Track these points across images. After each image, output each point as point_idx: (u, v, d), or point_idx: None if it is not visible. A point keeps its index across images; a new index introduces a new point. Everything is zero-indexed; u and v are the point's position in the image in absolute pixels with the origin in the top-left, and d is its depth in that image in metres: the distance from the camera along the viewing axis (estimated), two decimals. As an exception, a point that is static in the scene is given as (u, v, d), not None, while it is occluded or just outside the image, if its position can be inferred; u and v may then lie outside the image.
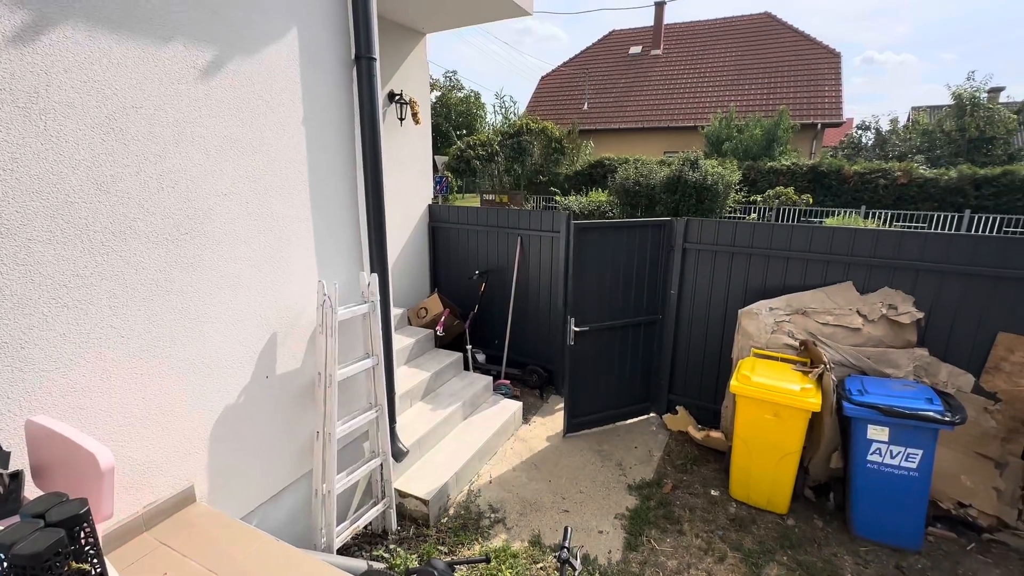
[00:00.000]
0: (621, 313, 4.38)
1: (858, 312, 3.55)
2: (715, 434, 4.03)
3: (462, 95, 27.30)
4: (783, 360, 3.56)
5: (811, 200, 12.31)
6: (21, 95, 1.52)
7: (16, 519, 1.22)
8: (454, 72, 30.77)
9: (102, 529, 1.77)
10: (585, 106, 20.94)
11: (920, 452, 2.91)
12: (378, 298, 2.83)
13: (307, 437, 2.72)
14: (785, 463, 3.27)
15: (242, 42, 2.14)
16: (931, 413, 2.82)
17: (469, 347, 5.28)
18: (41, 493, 1.45)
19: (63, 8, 1.60)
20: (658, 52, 21.70)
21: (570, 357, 4.23)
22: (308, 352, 2.65)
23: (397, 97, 5.01)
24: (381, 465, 3.06)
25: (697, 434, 4.15)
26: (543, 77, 23.99)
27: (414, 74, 5.26)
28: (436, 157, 16.88)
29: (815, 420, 3.26)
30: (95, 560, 1.04)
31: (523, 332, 5.30)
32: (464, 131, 25.69)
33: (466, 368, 5.14)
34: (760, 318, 3.76)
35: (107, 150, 1.73)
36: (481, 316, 5.56)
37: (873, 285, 3.62)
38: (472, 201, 19.48)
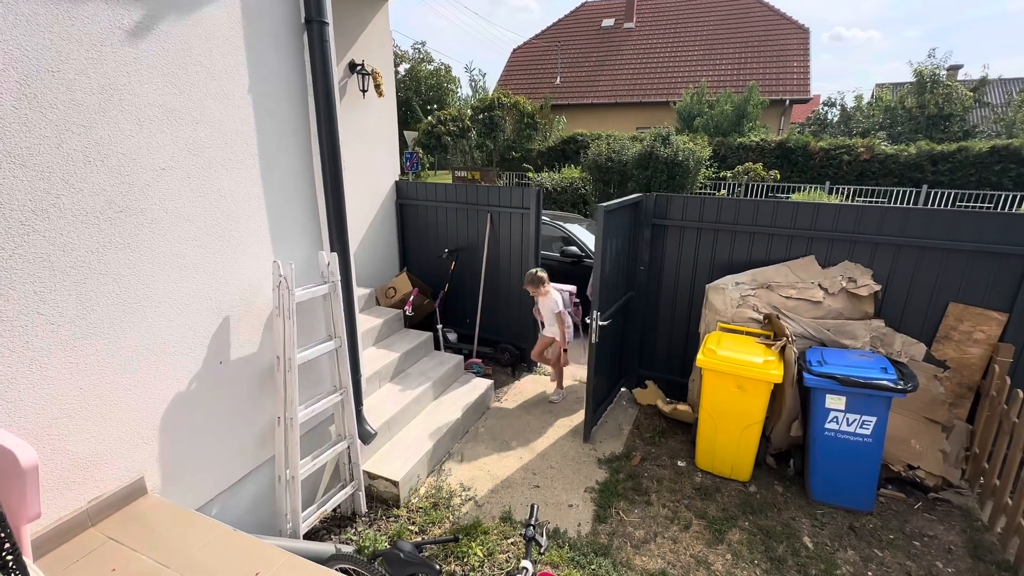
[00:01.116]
0: (615, 293, 4.36)
1: (820, 285, 3.62)
2: (682, 407, 4.11)
3: (432, 68, 26.46)
4: (748, 334, 3.63)
5: (779, 176, 12.54)
6: (-91, 54, 1.34)
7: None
8: (423, 43, 29.71)
9: (36, 528, 1.67)
10: (557, 80, 20.62)
11: (874, 419, 3.03)
12: (339, 278, 2.73)
13: (268, 422, 2.63)
14: (748, 433, 3.36)
15: (175, 1, 1.96)
16: (885, 382, 2.92)
17: (440, 326, 5.21)
18: (-39, 494, 1.35)
19: (-45, -45, 1.41)
20: (631, 25, 21.43)
21: (594, 354, 3.87)
22: (266, 335, 2.55)
23: (359, 68, 4.78)
24: (348, 448, 3.01)
25: (665, 407, 4.22)
26: (515, 50, 23.46)
27: (376, 43, 5.02)
28: (406, 133, 16.41)
29: (777, 391, 3.35)
30: (13, 567, 0.96)
31: (494, 310, 5.25)
32: (435, 106, 25.01)
33: (437, 348, 5.08)
34: (726, 293, 3.81)
35: (21, 119, 1.57)
36: (452, 295, 5.48)
37: (834, 259, 3.69)
38: (444, 178, 19.11)
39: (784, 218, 3.78)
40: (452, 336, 5.55)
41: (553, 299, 4.37)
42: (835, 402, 3.10)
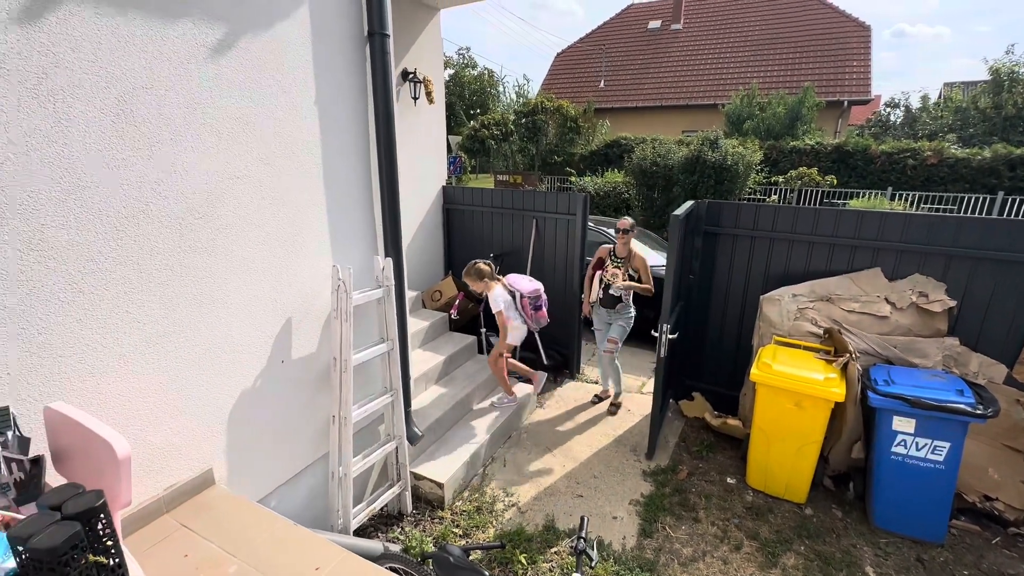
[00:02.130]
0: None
1: (886, 299, 3.42)
2: (732, 421, 3.98)
3: (476, 73, 26.82)
4: (806, 348, 3.47)
5: (835, 181, 11.96)
6: (29, 76, 1.48)
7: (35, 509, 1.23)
8: (468, 49, 30.18)
9: (123, 514, 1.79)
10: (602, 84, 20.44)
11: (948, 445, 2.83)
12: (392, 282, 2.80)
13: (323, 420, 2.73)
14: (805, 452, 3.21)
15: (253, 20, 2.07)
16: (962, 405, 2.72)
17: (483, 330, 5.26)
18: (62, 479, 1.46)
19: (69, -16, 1.55)
20: (678, 26, 20.99)
21: (662, 368, 3.78)
22: (323, 337, 2.64)
23: (411, 75, 4.91)
24: (396, 448, 3.08)
25: (714, 421, 4.10)
26: (559, 54, 23.43)
27: (428, 51, 5.13)
28: (449, 137, 16.70)
29: (838, 409, 3.18)
30: (112, 551, 1.04)
31: (537, 316, 5.24)
32: (478, 110, 25.32)
33: (480, 351, 5.13)
34: (782, 304, 3.66)
35: (118, 132, 1.70)
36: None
37: (903, 271, 3.48)
38: (485, 181, 19.31)
39: (847, 227, 3.59)
40: (495, 339, 5.59)
41: (494, 297, 3.99)
42: (903, 424, 2.91)
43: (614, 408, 4.49)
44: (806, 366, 3.18)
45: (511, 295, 4.09)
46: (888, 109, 20.67)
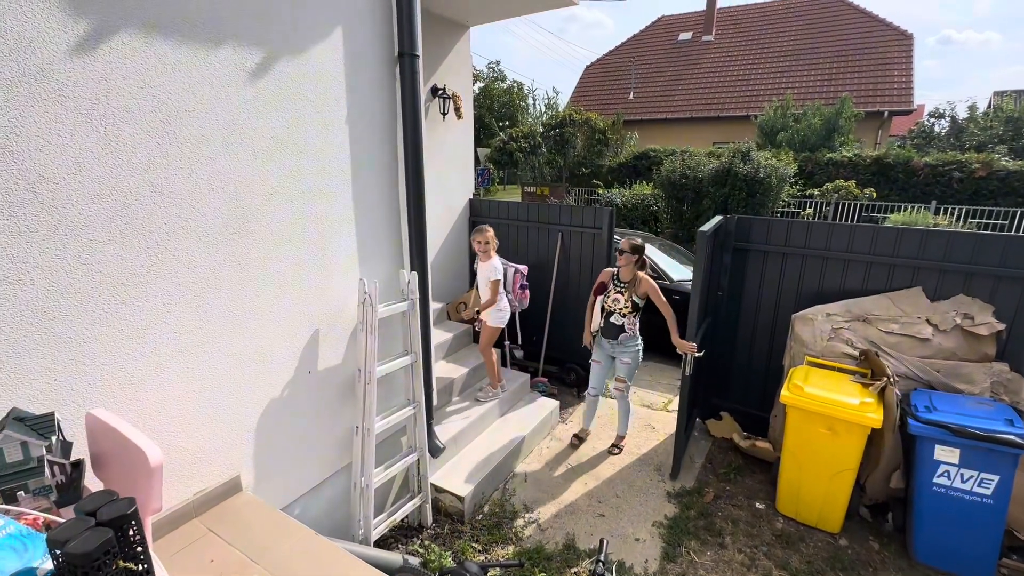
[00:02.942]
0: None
1: (928, 321, 3.27)
2: (762, 444, 3.85)
3: (505, 86, 27.18)
4: (840, 370, 3.34)
5: (875, 194, 11.54)
6: (84, 102, 1.58)
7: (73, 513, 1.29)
8: (497, 63, 30.67)
9: (154, 519, 1.86)
10: (631, 95, 20.39)
11: (996, 478, 2.66)
12: (417, 296, 2.84)
13: (347, 431, 2.78)
14: (839, 480, 3.07)
15: (289, 43, 2.17)
16: (1012, 437, 2.56)
17: (507, 343, 5.27)
18: (100, 484, 1.53)
19: (123, 14, 1.65)
20: (710, 38, 20.80)
21: (689, 386, 3.69)
22: (349, 348, 2.70)
23: (440, 91, 5.01)
24: (418, 460, 3.10)
25: (742, 442, 3.97)
26: (588, 67, 23.52)
27: (457, 68, 5.24)
28: (478, 149, 16.93)
29: (875, 436, 3.04)
30: (142, 557, 1.08)
31: (562, 330, 5.22)
32: (507, 123, 25.61)
33: (503, 364, 5.13)
34: (816, 324, 3.54)
35: (162, 153, 1.80)
36: (520, 312, 5.52)
37: (946, 292, 3.32)
38: (513, 193, 19.44)
39: (885, 245, 3.46)
40: (519, 353, 5.59)
41: (493, 265, 3.92)
42: (946, 454, 2.76)
43: (617, 450, 4.07)
44: (840, 389, 3.06)
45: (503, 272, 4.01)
46: (932, 119, 19.88)
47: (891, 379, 3.01)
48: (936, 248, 3.31)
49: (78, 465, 1.47)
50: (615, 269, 3.80)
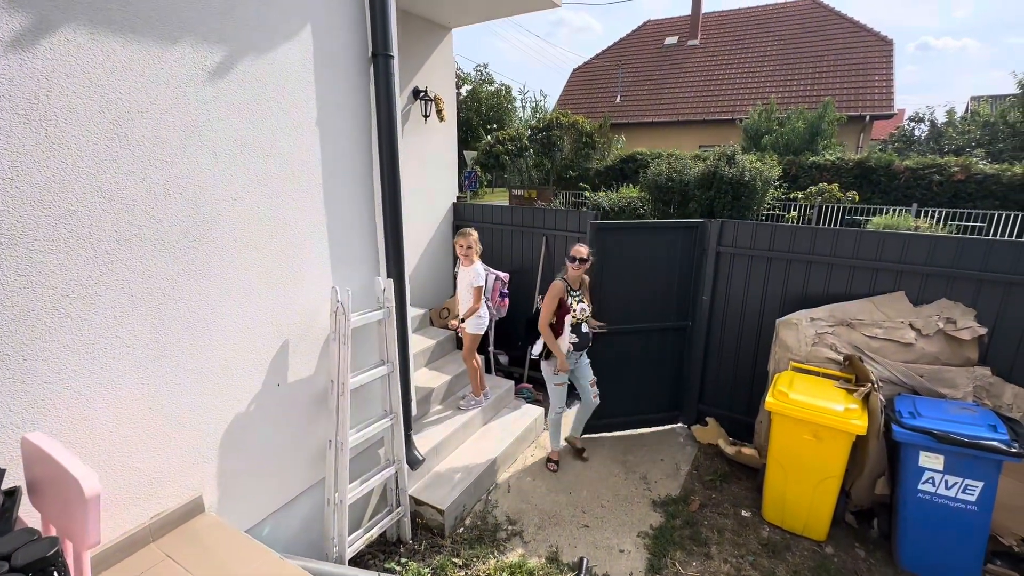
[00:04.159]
0: (647, 317, 4.23)
1: (911, 325, 3.25)
2: (748, 450, 3.80)
3: (493, 89, 27.13)
4: (824, 375, 3.31)
5: (857, 197, 11.65)
6: (20, 101, 1.47)
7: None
8: (485, 65, 30.55)
9: (106, 538, 1.75)
10: (618, 99, 20.47)
11: (980, 484, 2.64)
12: (393, 304, 2.75)
13: (320, 445, 2.67)
14: (824, 487, 3.03)
15: (253, 41, 2.07)
16: (995, 443, 2.54)
17: (491, 349, 5.19)
18: (38, 514, 1.42)
19: (64, 9, 1.55)
20: (695, 42, 20.97)
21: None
22: (321, 359, 2.60)
23: (422, 94, 4.93)
24: (396, 473, 3.00)
25: (728, 449, 3.93)
26: (575, 70, 23.59)
27: (439, 70, 5.16)
28: (465, 152, 16.84)
29: (860, 442, 3.01)
30: (67, 602, 0.98)
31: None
32: (494, 125, 25.54)
33: (488, 371, 5.05)
34: (800, 329, 3.51)
35: (112, 156, 1.69)
36: (505, 317, 5.44)
37: (929, 296, 3.31)
38: (501, 195, 19.36)
39: (868, 249, 3.44)
40: (504, 359, 5.51)
41: (476, 270, 3.82)
42: (931, 461, 2.73)
43: (587, 455, 4.05)
44: (825, 395, 3.02)
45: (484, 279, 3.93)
46: (912, 124, 20.24)
47: (875, 385, 2.98)
48: (919, 252, 3.30)
49: (12, 494, 1.36)
50: (564, 282, 3.54)
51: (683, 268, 4.21)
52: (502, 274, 4.60)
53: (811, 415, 2.92)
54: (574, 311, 3.56)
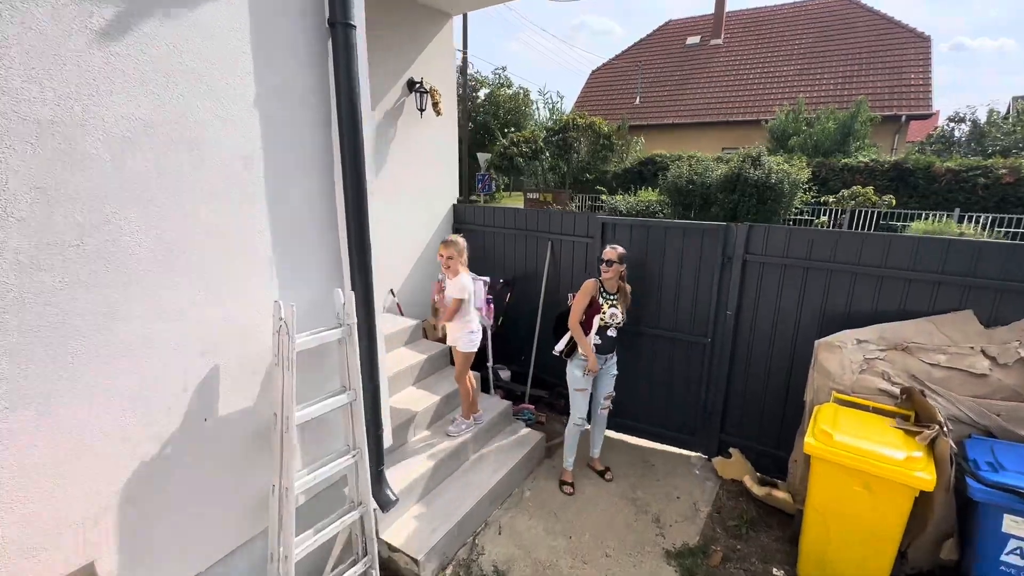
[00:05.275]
0: (657, 323, 3.89)
1: (983, 352, 2.69)
2: (780, 493, 3.26)
3: (511, 92, 26.78)
4: (875, 411, 2.76)
5: (893, 201, 10.88)
6: None
7: None
8: (503, 68, 30.27)
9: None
10: (637, 100, 19.89)
11: (1088, 562, 2.07)
12: (355, 320, 2.32)
13: (264, 489, 2.25)
14: (876, 549, 2.49)
15: None
16: (1112, 512, 1.98)
17: (490, 364, 4.72)
18: None
19: None
20: (718, 41, 20.29)
21: None
22: (264, 387, 2.18)
23: (417, 85, 4.53)
24: (361, 518, 2.56)
25: (757, 489, 3.39)
26: (593, 71, 23.11)
27: (438, 60, 4.76)
28: (480, 155, 16.48)
29: (923, 496, 2.45)
30: None
31: (552, 348, 4.66)
32: (512, 128, 25.16)
33: (485, 389, 4.60)
34: (844, 353, 2.97)
35: (-50, 135, 1.30)
36: (507, 329, 4.99)
37: (1005, 316, 2.75)
38: (518, 199, 18.92)
39: (930, 259, 2.89)
40: (505, 374, 5.05)
41: (461, 283, 3.42)
42: (1019, 527, 2.18)
43: (610, 474, 3.76)
44: (879, 438, 2.48)
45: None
46: (951, 124, 19.16)
47: (944, 428, 2.43)
48: (992, 263, 2.74)
49: None
50: (598, 282, 3.38)
51: (703, 276, 3.71)
52: (484, 278, 4.22)
53: (863, 463, 2.38)
54: (603, 313, 3.34)
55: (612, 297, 3.37)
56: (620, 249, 3.36)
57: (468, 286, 3.47)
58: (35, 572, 1.56)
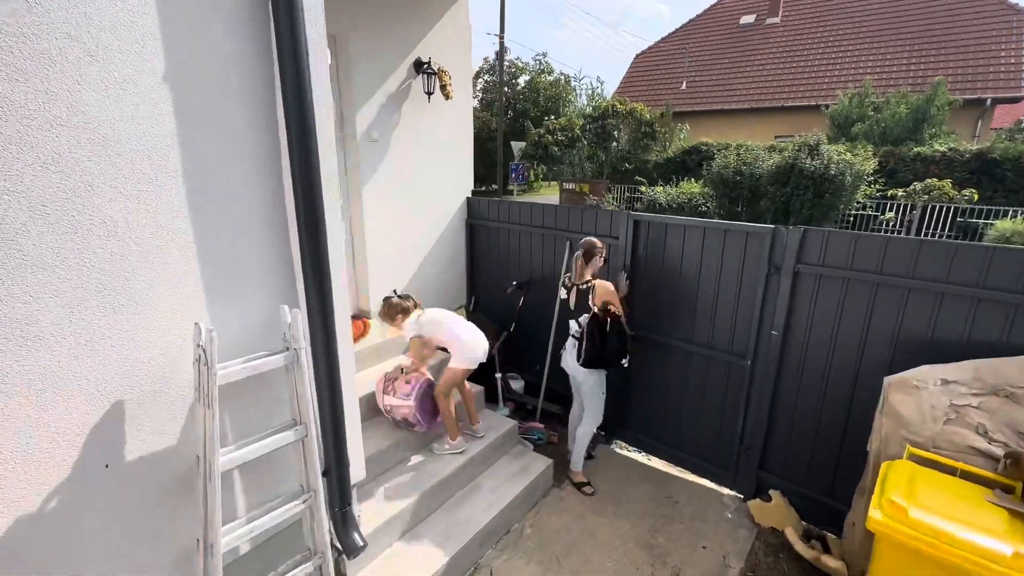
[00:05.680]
0: (692, 338, 3.43)
1: (1126, 407, 2.02)
2: (833, 561, 2.68)
3: (551, 79, 25.99)
4: (965, 475, 2.14)
5: (976, 196, 9.62)
6: None
7: None
8: (544, 55, 29.41)
9: None
10: (684, 85, 18.75)
11: None
12: (303, 344, 1.92)
13: (190, 542, 1.91)
14: (964, 661, 1.90)
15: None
16: None
17: (499, 375, 4.31)
18: None
19: None
20: (775, 20, 18.80)
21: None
22: (188, 426, 1.82)
23: (424, 66, 4.09)
24: (319, 568, 2.19)
25: (803, 549, 2.82)
26: (638, 55, 22.02)
27: (449, 38, 4.30)
28: (513, 143, 15.95)
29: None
30: None
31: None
32: (551, 116, 24.44)
33: (493, 400, 4.19)
34: (924, 395, 2.34)
35: None
36: (520, 336, 4.54)
37: None
38: (553, 191, 18.30)
39: (1048, 280, 2.22)
40: (517, 384, 4.62)
41: (404, 333, 3.23)
42: None
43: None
44: (972, 518, 1.88)
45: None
46: (1046, 108, 16.99)
47: (1071, 514, 1.80)
48: None
49: None
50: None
51: (744, 289, 3.13)
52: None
53: (951, 553, 1.80)
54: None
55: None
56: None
57: (411, 327, 3.18)
58: None
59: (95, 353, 1.54)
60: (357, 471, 2.48)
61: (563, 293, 3.24)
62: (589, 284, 3.15)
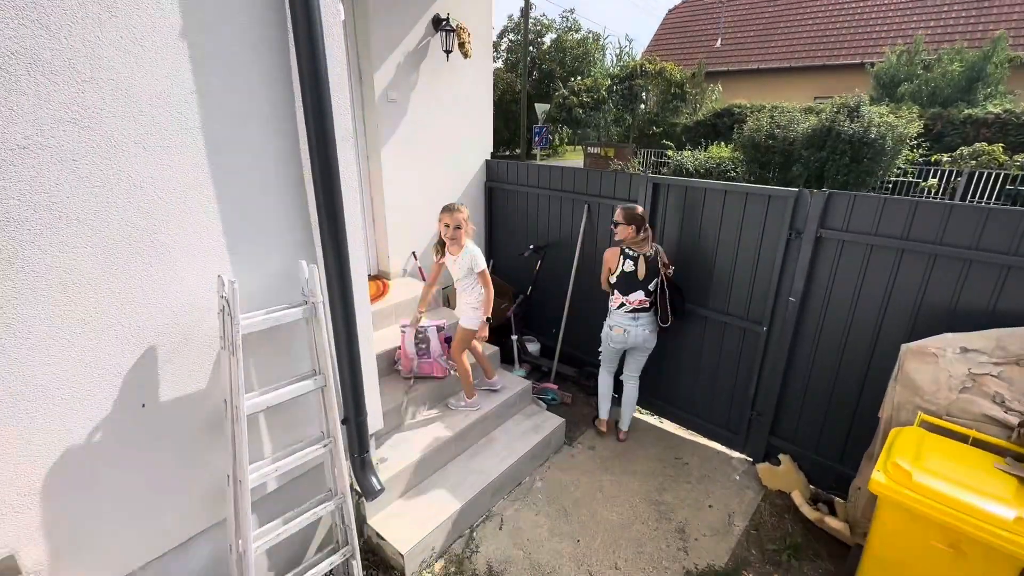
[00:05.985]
0: (707, 303, 3.45)
1: None
2: (836, 523, 2.72)
3: (579, 37, 24.97)
4: (977, 443, 2.13)
5: (1029, 162, 9.04)
6: None
7: None
8: (571, 11, 28.12)
9: None
10: (718, 43, 17.82)
11: None
12: (321, 297, 2.01)
13: (222, 476, 2.07)
14: (958, 619, 1.95)
15: None
16: None
17: (515, 337, 4.38)
18: None
19: None
20: (822, -31, 17.47)
21: None
22: (215, 372, 1.95)
23: (443, 23, 4.01)
24: (340, 507, 2.35)
25: (808, 510, 2.87)
26: (670, 11, 20.93)
27: (472, -6, 4.18)
28: (537, 105, 15.57)
29: (1033, 565, 1.86)
30: None
31: (585, 324, 4.22)
32: (577, 77, 23.61)
33: (507, 362, 4.29)
34: (941, 363, 2.31)
35: None
36: (537, 299, 4.60)
37: None
38: (578, 155, 17.89)
39: (1085, 247, 2.12)
40: (533, 347, 4.70)
41: (471, 253, 3.08)
42: None
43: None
44: (979, 484, 1.88)
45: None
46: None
47: (1081, 482, 1.79)
48: None
49: None
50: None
51: (764, 253, 3.09)
52: (439, 323, 3.42)
53: (951, 516, 1.82)
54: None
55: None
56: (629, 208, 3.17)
57: (480, 255, 3.11)
58: (-61, 566, 1.45)
59: (127, 302, 1.65)
60: (375, 421, 2.61)
61: (628, 266, 3.18)
62: (656, 249, 3.21)
